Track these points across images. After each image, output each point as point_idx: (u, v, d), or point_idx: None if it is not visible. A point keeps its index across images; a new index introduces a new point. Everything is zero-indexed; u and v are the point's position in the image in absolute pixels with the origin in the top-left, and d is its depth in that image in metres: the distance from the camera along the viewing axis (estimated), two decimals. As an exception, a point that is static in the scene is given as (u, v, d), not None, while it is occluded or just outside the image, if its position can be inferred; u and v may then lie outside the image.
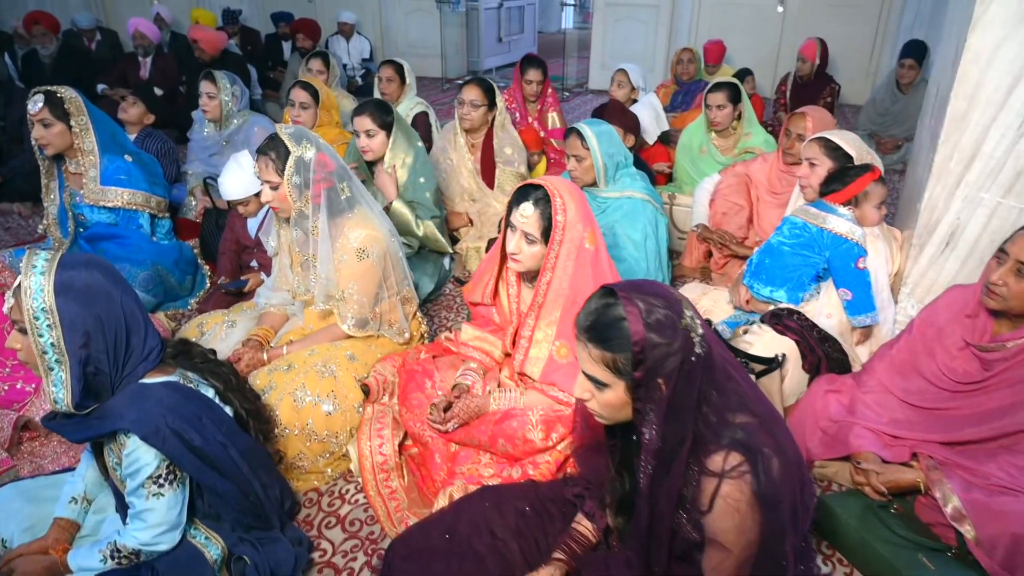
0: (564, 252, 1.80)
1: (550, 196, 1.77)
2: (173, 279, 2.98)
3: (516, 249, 1.84)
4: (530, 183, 1.84)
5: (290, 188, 2.07)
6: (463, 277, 3.32)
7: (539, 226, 1.80)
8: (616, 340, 1.16)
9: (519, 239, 1.83)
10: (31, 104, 2.76)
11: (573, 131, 2.69)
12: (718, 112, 3.56)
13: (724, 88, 3.56)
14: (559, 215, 1.76)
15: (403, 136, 2.99)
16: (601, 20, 7.92)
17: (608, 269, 1.89)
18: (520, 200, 1.82)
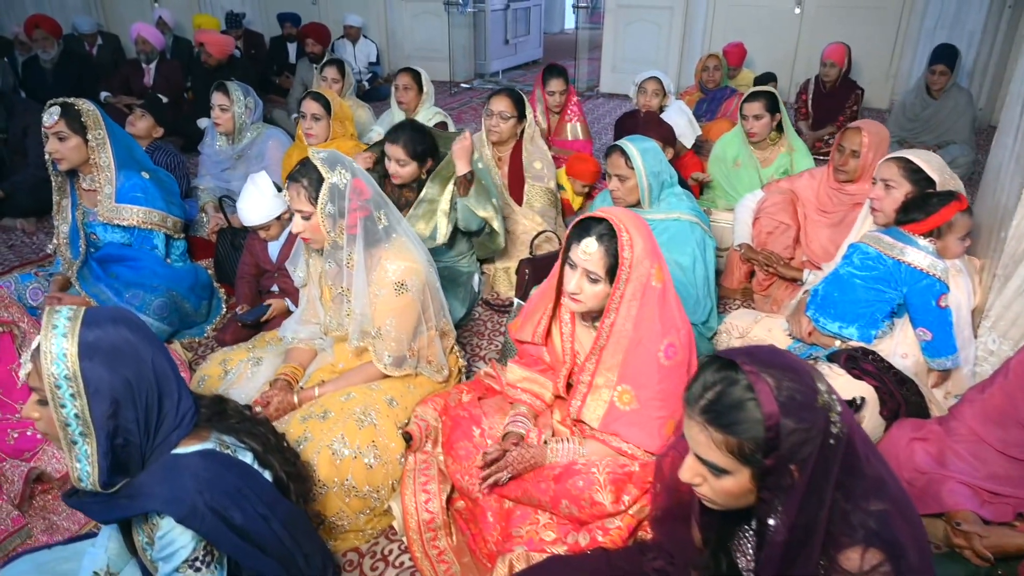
0: (630, 292, 1.64)
1: (616, 231, 1.61)
2: (188, 305, 2.82)
3: (576, 289, 1.69)
4: (591, 216, 1.68)
5: (324, 218, 1.91)
6: (492, 300, 3.16)
7: (603, 264, 1.64)
8: (743, 423, 1.00)
9: (580, 278, 1.68)
10: (46, 116, 2.60)
11: (616, 149, 2.53)
12: (755, 123, 3.41)
13: (761, 97, 3.41)
14: (626, 251, 1.60)
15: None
16: (613, 22, 7.76)
17: (676, 308, 1.73)
18: (581, 235, 1.66)
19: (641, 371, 1.69)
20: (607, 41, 7.90)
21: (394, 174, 2.77)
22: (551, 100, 4.12)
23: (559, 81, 4.04)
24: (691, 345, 1.77)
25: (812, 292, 2.25)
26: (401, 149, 2.72)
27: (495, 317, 3.02)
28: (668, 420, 1.71)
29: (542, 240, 3.13)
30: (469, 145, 2.72)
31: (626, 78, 7.86)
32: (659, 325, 1.67)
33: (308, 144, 3.32)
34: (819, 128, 5.36)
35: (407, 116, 4.05)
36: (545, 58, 11.11)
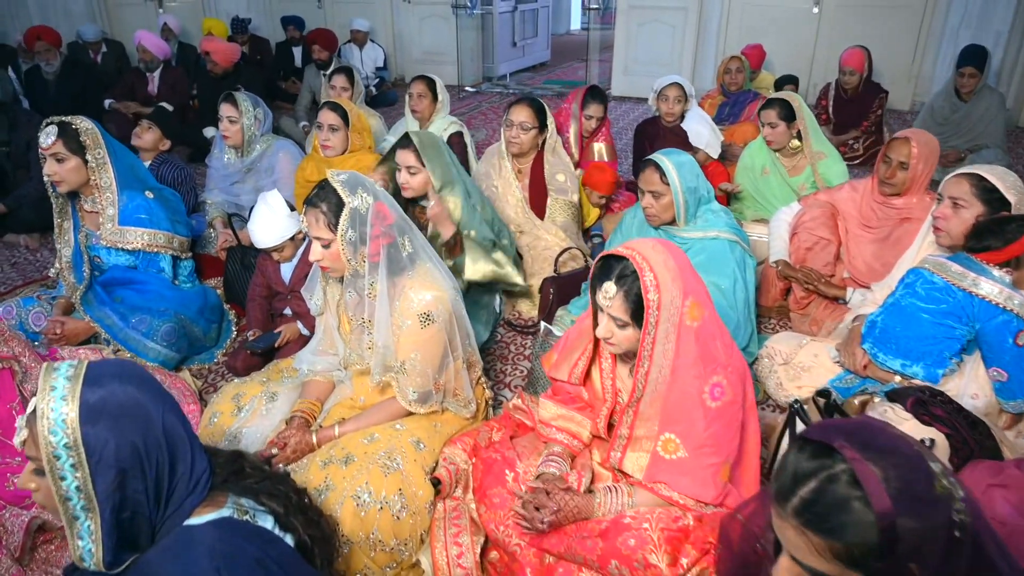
0: (662, 334, 1.50)
1: (638, 271, 1.46)
2: (197, 329, 2.68)
3: (606, 333, 1.55)
4: (612, 254, 1.53)
5: (344, 245, 1.77)
6: (514, 319, 3.01)
7: (626, 309, 1.50)
8: (851, 527, 0.85)
9: (607, 323, 1.54)
10: (43, 137, 2.47)
11: (650, 164, 2.38)
12: (771, 131, 3.30)
13: (775, 105, 3.29)
14: (651, 293, 1.45)
15: (440, 166, 2.62)
16: (624, 23, 7.60)
17: (721, 342, 1.58)
18: (601, 278, 1.52)
19: (685, 417, 1.55)
20: (619, 43, 7.75)
21: (404, 184, 2.63)
22: (587, 124, 3.87)
23: (599, 107, 3.83)
24: (744, 379, 1.63)
25: (869, 323, 2.08)
26: (411, 154, 2.58)
27: (518, 339, 2.88)
28: (722, 466, 1.57)
29: (567, 257, 2.98)
30: (441, 210, 2.59)
31: (639, 80, 7.72)
32: (701, 366, 1.53)
33: (325, 156, 3.19)
34: (842, 133, 5.20)
35: (421, 125, 3.92)
36: (553, 60, 10.97)
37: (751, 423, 1.68)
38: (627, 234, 2.64)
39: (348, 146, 3.24)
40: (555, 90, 8.57)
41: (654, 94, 4.06)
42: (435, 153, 2.58)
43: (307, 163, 3.34)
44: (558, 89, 8.62)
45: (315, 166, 3.25)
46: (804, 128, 3.28)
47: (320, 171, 3.19)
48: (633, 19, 7.51)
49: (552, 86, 8.93)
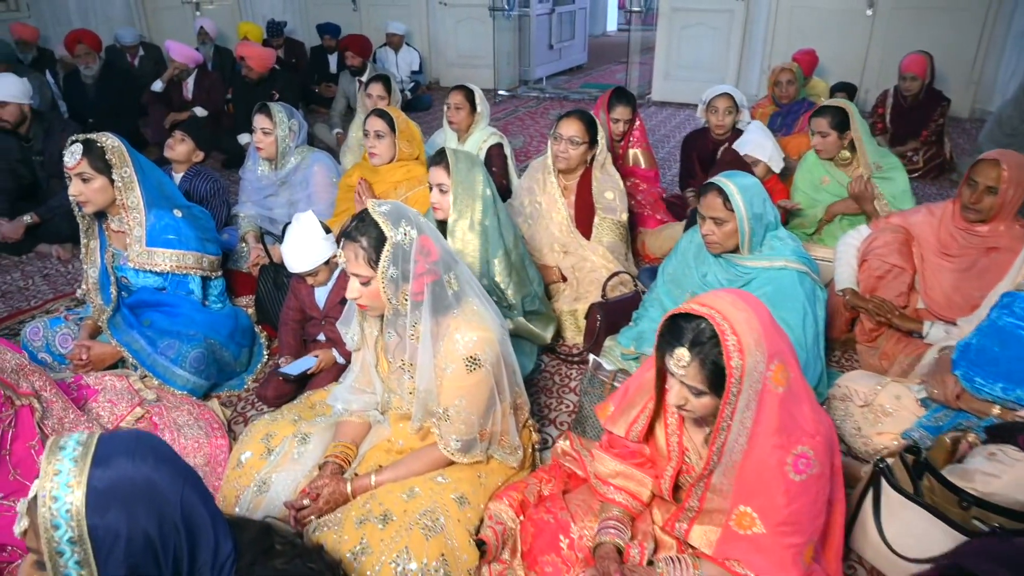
0: (743, 403, 1.32)
1: (718, 333, 1.28)
2: (228, 353, 2.56)
3: (679, 400, 1.39)
4: (683, 312, 1.35)
5: (385, 283, 1.61)
6: (558, 347, 2.84)
7: (703, 377, 1.33)
8: None
9: (679, 390, 1.37)
10: (67, 156, 2.37)
11: (712, 188, 2.19)
12: (820, 140, 3.15)
13: (827, 113, 3.12)
14: (734, 360, 1.27)
15: (464, 187, 2.42)
16: (666, 26, 7.37)
17: (808, 408, 1.40)
18: (672, 342, 1.35)
19: (763, 490, 1.37)
20: (660, 46, 7.52)
21: (435, 205, 2.47)
22: (614, 128, 3.72)
23: (625, 108, 3.66)
24: (832, 447, 1.45)
25: (961, 347, 1.88)
26: (444, 171, 2.42)
27: (563, 369, 2.71)
28: (805, 547, 1.39)
29: (615, 282, 2.80)
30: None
31: (680, 86, 7.50)
32: (784, 435, 1.35)
33: (372, 164, 3.10)
34: (900, 144, 4.92)
35: (459, 137, 3.77)
36: (590, 63, 10.77)
37: (838, 495, 1.49)
38: (683, 260, 2.45)
39: (396, 154, 3.11)
40: (592, 94, 8.37)
41: (703, 105, 3.86)
42: (465, 173, 2.41)
43: (355, 170, 3.27)
44: (595, 93, 8.41)
45: (358, 172, 3.17)
46: (858, 139, 3.09)
47: (368, 179, 3.09)
48: (676, 22, 7.28)
49: (590, 90, 8.73)
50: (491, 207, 2.43)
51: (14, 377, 1.78)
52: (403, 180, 3.08)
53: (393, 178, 3.09)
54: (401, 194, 3.02)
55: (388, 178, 3.09)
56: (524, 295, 2.58)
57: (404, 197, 3.01)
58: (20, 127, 3.69)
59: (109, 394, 2.19)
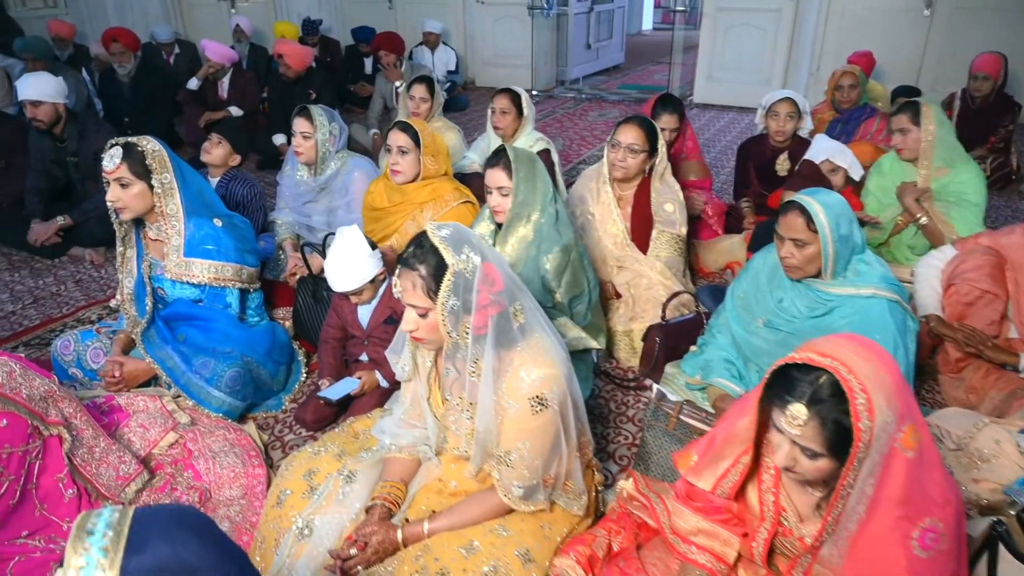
0: (867, 470, 1.14)
1: (844, 390, 1.10)
2: (265, 372, 2.43)
3: (787, 463, 1.21)
4: (798, 361, 1.17)
5: (445, 316, 1.45)
6: (612, 371, 2.66)
7: (822, 439, 1.15)
8: None
9: (790, 450, 1.19)
10: (107, 159, 2.25)
11: (794, 207, 1.99)
12: (901, 138, 2.95)
13: (909, 109, 2.96)
14: (863, 420, 1.09)
15: (528, 186, 2.25)
16: (711, 26, 7.13)
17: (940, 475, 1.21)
18: (785, 396, 1.17)
19: (883, 568, 1.20)
20: (703, 47, 7.28)
21: (496, 208, 2.31)
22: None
23: (672, 116, 3.45)
24: (961, 521, 1.25)
25: None
26: (503, 172, 2.25)
27: (618, 395, 2.53)
28: (930, 633, 1.20)
29: (676, 303, 2.62)
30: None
31: (724, 88, 7.26)
32: (910, 505, 1.17)
33: (395, 182, 2.86)
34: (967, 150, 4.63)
35: (504, 142, 3.60)
36: (627, 63, 10.54)
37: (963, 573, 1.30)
38: (755, 283, 2.25)
39: (420, 171, 2.88)
40: (631, 95, 8.17)
41: (762, 110, 3.64)
42: (526, 172, 2.24)
43: (375, 187, 3.00)
44: (635, 95, 8.21)
45: (383, 192, 2.93)
46: (928, 140, 2.91)
47: (390, 197, 2.89)
48: (720, 22, 7.04)
49: (628, 91, 8.52)
50: (550, 202, 2.28)
51: (43, 405, 1.66)
52: (429, 200, 2.85)
53: (418, 198, 2.86)
54: (427, 216, 2.81)
55: (413, 198, 2.86)
56: (574, 295, 2.40)
57: (431, 220, 2.79)
58: (55, 127, 3.61)
59: (141, 417, 2.06)
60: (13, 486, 1.57)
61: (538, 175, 2.24)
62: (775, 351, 2.14)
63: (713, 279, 3.38)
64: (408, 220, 2.79)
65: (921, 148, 2.88)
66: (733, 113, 7.07)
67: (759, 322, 2.22)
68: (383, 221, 2.85)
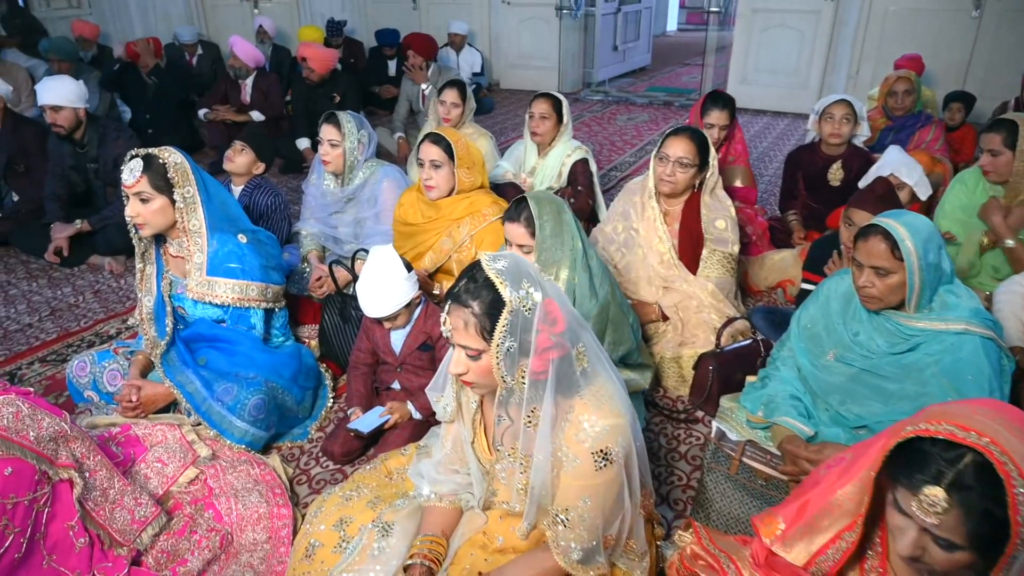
0: (1016, 569, 0.95)
1: (1003, 479, 0.91)
2: (290, 398, 2.27)
3: (914, 551, 1.03)
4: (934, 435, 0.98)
5: (500, 358, 1.28)
6: (658, 399, 2.48)
7: (964, 532, 0.96)
8: None
9: (919, 538, 1.01)
10: (126, 172, 2.11)
11: (876, 231, 1.79)
12: (991, 160, 2.65)
13: (1001, 128, 2.63)
14: (1022, 514, 0.90)
15: (554, 242, 2.01)
16: (745, 27, 6.90)
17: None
18: (918, 476, 0.99)
19: None
20: (737, 49, 7.05)
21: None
22: (708, 135, 3.32)
23: (722, 113, 3.28)
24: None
25: None
26: (524, 230, 2.03)
27: (668, 428, 2.34)
28: None
29: (731, 329, 2.43)
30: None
31: (758, 91, 7.02)
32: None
33: (429, 198, 2.66)
34: (1022, 161, 4.39)
35: (541, 150, 3.43)
36: (653, 65, 10.33)
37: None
38: (825, 312, 2.05)
39: (455, 185, 2.67)
40: (659, 98, 7.96)
41: (815, 115, 3.44)
42: (552, 228, 2.00)
43: (407, 199, 2.79)
44: (663, 97, 8.00)
45: (415, 206, 2.73)
46: None
47: (423, 212, 2.69)
48: (756, 23, 6.81)
49: (655, 93, 8.31)
50: (581, 261, 2.05)
51: (52, 447, 1.51)
52: (466, 215, 2.62)
53: (454, 213, 2.63)
54: (464, 233, 2.61)
55: (448, 213, 2.63)
56: (624, 353, 2.22)
57: (468, 236, 2.61)
58: (75, 132, 3.49)
59: (159, 451, 1.91)
60: (19, 538, 1.42)
61: (565, 229, 2.02)
62: (849, 388, 1.95)
63: (762, 297, 3.18)
64: (443, 237, 2.62)
65: (1014, 172, 2.59)
66: (767, 118, 6.84)
67: (829, 355, 2.02)
68: (416, 238, 2.67)
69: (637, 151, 5.78)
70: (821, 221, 3.37)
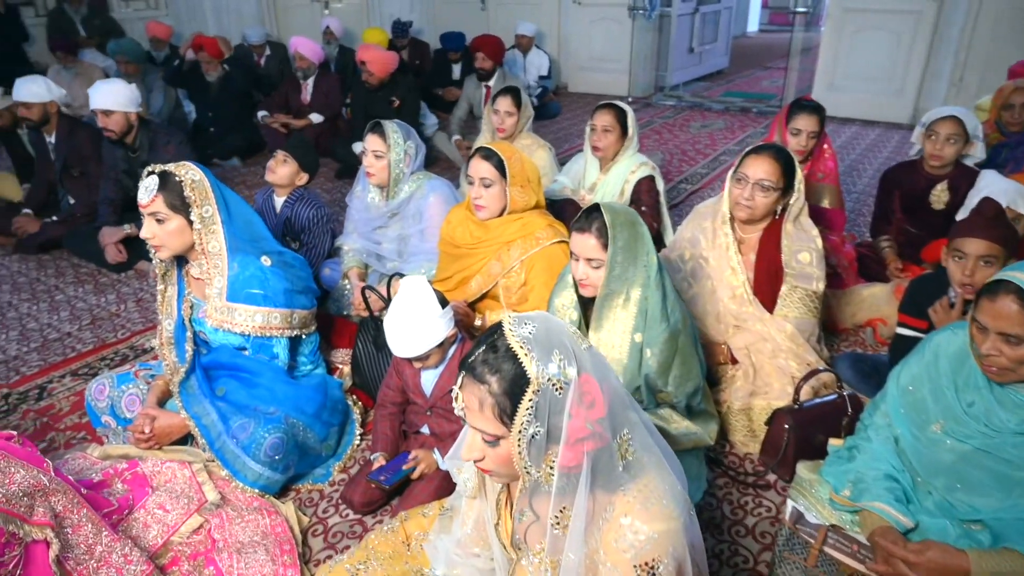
0: None
1: None
2: (312, 436, 2.08)
3: None
4: None
5: (523, 447, 1.03)
6: (722, 455, 2.17)
7: None
8: None
9: None
10: (141, 190, 1.98)
11: (1007, 290, 1.45)
12: None
13: None
14: None
15: (627, 257, 1.77)
16: (835, 29, 6.38)
17: None
18: None
19: None
20: (825, 52, 6.54)
21: (583, 280, 1.83)
22: (794, 142, 2.98)
23: (811, 119, 2.92)
24: None
25: None
26: (595, 240, 1.76)
27: (734, 492, 2.03)
28: None
29: (817, 383, 2.10)
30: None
31: (846, 98, 6.48)
32: None
33: (479, 218, 2.43)
34: None
35: (603, 165, 3.16)
36: (730, 68, 9.82)
37: None
38: (932, 375, 1.69)
39: (507, 204, 2.41)
40: (736, 104, 7.51)
41: (920, 128, 3.03)
42: (627, 240, 1.75)
43: (455, 217, 2.56)
44: (739, 103, 7.54)
45: (463, 224, 2.49)
46: None
47: (471, 233, 2.46)
48: (847, 24, 6.29)
49: (733, 99, 7.85)
50: (656, 279, 1.79)
51: (26, 503, 1.35)
52: (517, 237, 2.39)
53: (504, 235, 2.40)
54: (514, 257, 2.36)
55: (498, 235, 2.41)
56: (689, 392, 1.93)
57: (519, 261, 2.36)
58: (126, 137, 3.43)
59: (162, 496, 1.75)
60: (-19, 609, 1.27)
61: (640, 242, 1.75)
62: (960, 470, 1.61)
63: (847, 336, 2.81)
64: (492, 260, 2.38)
65: None
66: (856, 127, 6.32)
67: (935, 427, 1.67)
68: (462, 261, 2.45)
69: (710, 161, 5.40)
70: (919, 249, 2.97)
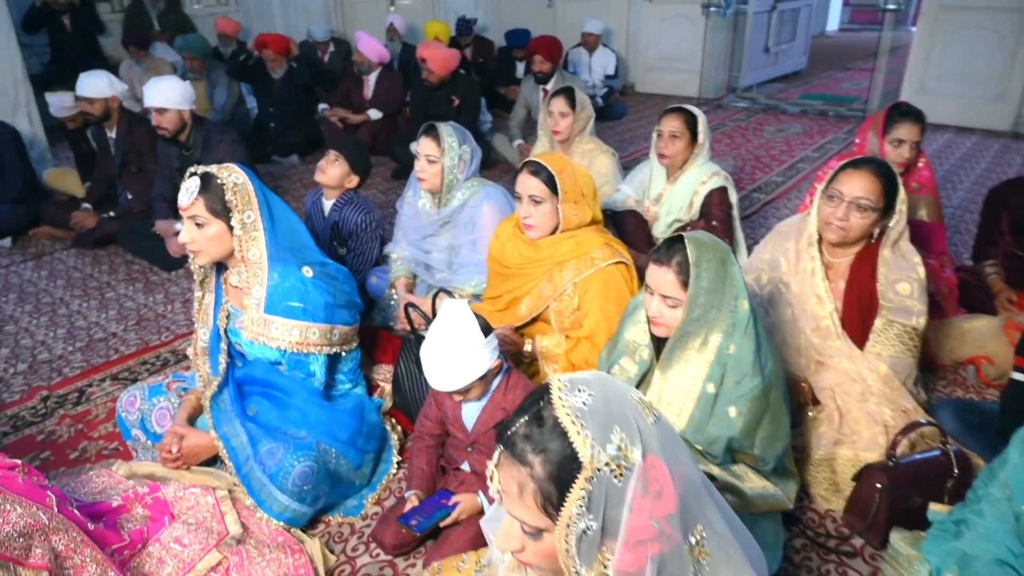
0: None
1: None
2: (345, 464, 1.93)
3: None
4: None
5: (571, 544, 0.83)
6: (802, 514, 1.91)
7: None
8: None
9: None
10: (182, 193, 1.86)
11: None
12: None
13: None
14: None
15: (712, 299, 1.55)
16: (929, 28, 5.90)
17: None
18: None
19: None
20: (916, 52, 6.05)
21: (657, 319, 1.62)
22: (894, 153, 2.66)
23: (914, 128, 2.61)
24: None
25: None
26: (674, 276, 1.55)
27: (814, 557, 1.77)
28: None
29: (916, 436, 1.82)
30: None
31: (938, 103, 5.97)
32: None
33: (529, 237, 2.21)
34: None
35: (670, 174, 2.91)
36: (810, 68, 9.31)
37: None
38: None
39: (560, 223, 2.18)
40: (815, 107, 7.07)
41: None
42: (714, 276, 1.54)
43: (503, 232, 2.33)
44: (818, 106, 7.10)
45: (512, 241, 2.27)
46: None
47: (520, 252, 2.24)
48: (943, 22, 5.80)
49: (810, 101, 7.41)
50: (745, 327, 1.55)
51: (22, 544, 1.23)
52: (571, 257, 2.16)
53: (556, 255, 2.17)
54: (567, 279, 2.13)
55: (550, 254, 2.18)
56: (779, 453, 1.68)
57: (571, 284, 2.13)
58: (180, 135, 3.38)
59: (179, 529, 1.62)
60: (-35, 662, 1.15)
61: (729, 284, 1.53)
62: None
63: (946, 372, 2.48)
64: (543, 281, 2.18)
65: None
66: (950, 134, 5.84)
67: (1071, 507, 1.39)
68: (511, 281, 2.25)
69: (786, 168, 5.05)
70: (1031, 277, 2.63)
